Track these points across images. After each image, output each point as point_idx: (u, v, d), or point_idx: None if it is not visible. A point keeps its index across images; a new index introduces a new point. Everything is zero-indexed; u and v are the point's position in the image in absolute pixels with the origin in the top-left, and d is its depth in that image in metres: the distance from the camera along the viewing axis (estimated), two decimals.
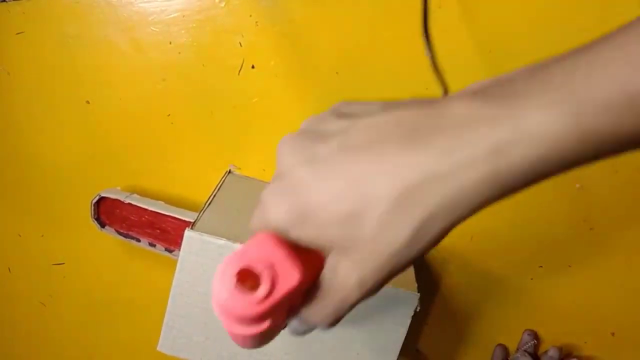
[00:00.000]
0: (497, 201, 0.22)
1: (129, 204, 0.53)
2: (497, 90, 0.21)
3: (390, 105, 0.24)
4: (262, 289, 0.22)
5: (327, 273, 0.24)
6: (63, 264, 0.62)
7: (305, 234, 0.23)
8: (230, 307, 0.22)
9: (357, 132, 0.23)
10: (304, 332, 0.27)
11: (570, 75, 0.20)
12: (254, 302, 0.22)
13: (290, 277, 0.22)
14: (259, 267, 0.22)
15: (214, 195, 0.50)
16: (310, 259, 0.24)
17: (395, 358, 0.47)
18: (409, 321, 0.46)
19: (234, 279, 0.22)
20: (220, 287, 0.22)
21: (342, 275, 0.24)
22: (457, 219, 0.22)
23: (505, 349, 0.60)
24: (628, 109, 0.19)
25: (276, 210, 0.24)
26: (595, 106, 0.19)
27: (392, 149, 0.22)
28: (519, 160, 0.20)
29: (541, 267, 0.56)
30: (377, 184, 0.22)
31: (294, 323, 0.27)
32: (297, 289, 0.23)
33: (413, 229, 0.22)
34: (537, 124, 0.20)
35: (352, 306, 0.25)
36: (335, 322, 0.26)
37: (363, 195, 0.22)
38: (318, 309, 0.25)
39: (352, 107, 0.25)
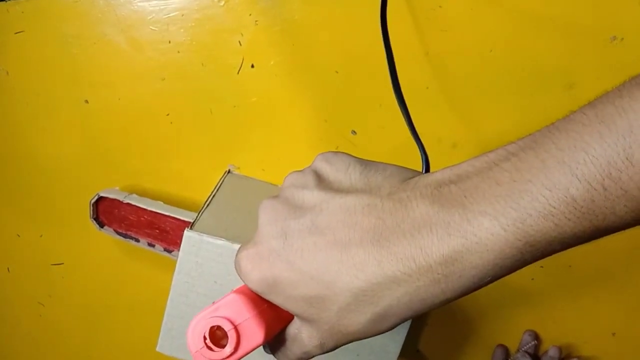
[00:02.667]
0: (454, 300, 0.24)
1: (128, 203, 0.53)
2: (454, 190, 0.23)
3: (367, 176, 0.26)
4: (227, 348, 0.26)
5: (294, 327, 0.28)
6: (62, 264, 0.62)
7: (274, 300, 0.26)
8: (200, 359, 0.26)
9: (329, 213, 0.25)
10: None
11: (515, 182, 0.21)
12: (219, 358, 0.26)
13: (254, 336, 0.26)
14: (226, 326, 0.26)
15: (213, 195, 0.50)
16: (281, 310, 0.27)
17: (396, 359, 0.47)
18: (409, 322, 0.46)
19: (202, 338, 0.26)
20: (191, 342, 0.26)
21: (306, 336, 0.27)
22: (412, 315, 0.24)
23: (505, 349, 0.59)
24: (570, 213, 0.20)
25: (250, 275, 0.26)
26: (538, 213, 0.21)
27: (357, 244, 0.24)
28: (469, 266, 0.22)
29: (542, 267, 0.56)
30: (341, 277, 0.24)
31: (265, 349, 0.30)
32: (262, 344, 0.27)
33: (369, 320, 0.25)
34: (485, 232, 0.21)
35: (313, 356, 0.28)
36: None
37: (328, 284, 0.24)
38: (284, 353, 0.29)
39: (334, 165, 0.27)
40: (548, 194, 0.20)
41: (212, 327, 0.26)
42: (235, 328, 0.26)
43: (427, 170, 0.36)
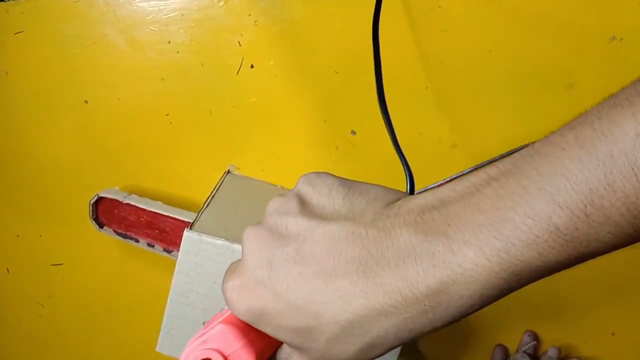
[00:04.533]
0: (443, 328, 0.24)
1: (128, 204, 0.53)
2: (437, 217, 0.23)
3: (350, 200, 0.26)
4: None
5: (284, 353, 0.28)
6: (61, 264, 0.62)
7: (263, 329, 0.26)
8: None
9: (313, 242, 0.25)
10: None
11: (498, 209, 0.21)
12: None
13: None
14: (216, 358, 0.26)
15: (213, 196, 0.50)
16: (270, 337, 0.27)
17: (396, 359, 0.47)
18: None
19: None
20: None
21: None
22: (401, 343, 0.24)
23: (504, 349, 0.59)
24: (553, 242, 0.20)
25: (237, 305, 0.26)
26: (522, 242, 0.20)
27: (342, 275, 0.24)
28: (455, 297, 0.22)
29: None
30: (328, 309, 0.24)
31: None
32: None
33: (358, 350, 0.25)
34: (470, 263, 0.21)
35: None
36: None
37: (315, 316, 0.24)
38: None
39: (317, 189, 0.27)
40: (531, 223, 0.20)
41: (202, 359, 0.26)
42: (226, 359, 0.26)
43: (412, 189, 0.36)
